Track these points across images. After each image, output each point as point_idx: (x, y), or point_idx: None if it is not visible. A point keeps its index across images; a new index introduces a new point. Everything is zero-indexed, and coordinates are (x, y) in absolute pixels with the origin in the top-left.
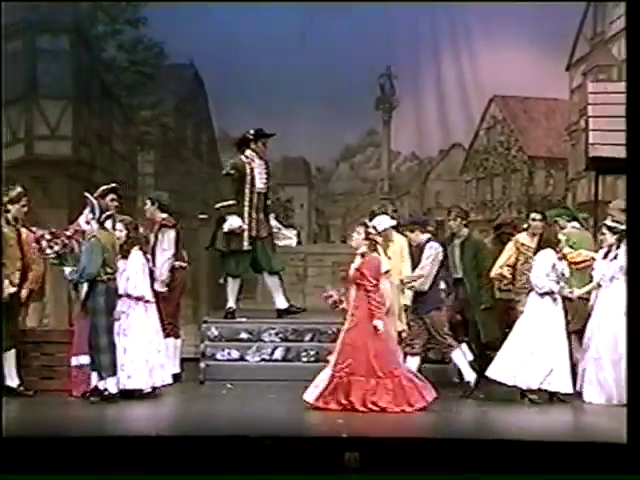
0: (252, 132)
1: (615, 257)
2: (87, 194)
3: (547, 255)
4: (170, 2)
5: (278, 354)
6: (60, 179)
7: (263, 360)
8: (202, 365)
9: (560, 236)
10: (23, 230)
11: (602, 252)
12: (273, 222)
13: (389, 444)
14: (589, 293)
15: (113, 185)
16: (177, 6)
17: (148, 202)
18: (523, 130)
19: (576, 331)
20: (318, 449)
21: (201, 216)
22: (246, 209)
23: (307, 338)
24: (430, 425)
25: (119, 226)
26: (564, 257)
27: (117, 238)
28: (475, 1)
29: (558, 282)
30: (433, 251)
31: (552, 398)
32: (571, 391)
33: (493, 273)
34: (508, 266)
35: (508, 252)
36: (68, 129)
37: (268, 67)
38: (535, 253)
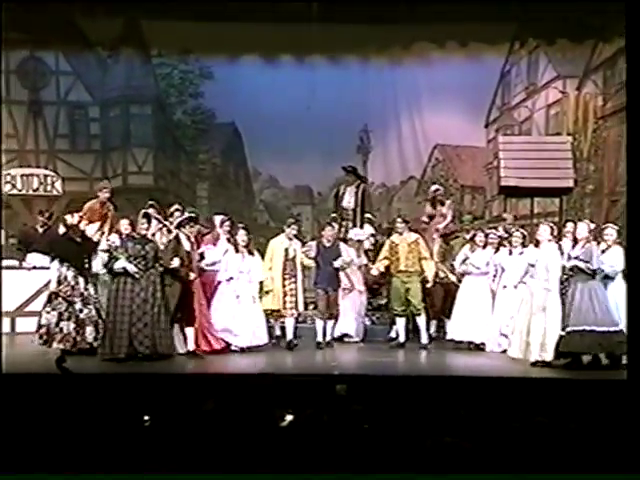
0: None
1: (521, 253)
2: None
3: (464, 248)
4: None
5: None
6: (145, 201)
7: None
8: None
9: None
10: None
11: (507, 250)
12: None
13: (370, 380)
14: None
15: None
16: (223, 83)
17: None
18: (457, 167)
19: None
20: (316, 383)
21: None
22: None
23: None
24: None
25: (242, 232)
26: None
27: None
28: None
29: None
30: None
31: (478, 347)
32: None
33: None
34: (385, 258)
35: (384, 249)
36: (150, 167)
37: (283, 124)
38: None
